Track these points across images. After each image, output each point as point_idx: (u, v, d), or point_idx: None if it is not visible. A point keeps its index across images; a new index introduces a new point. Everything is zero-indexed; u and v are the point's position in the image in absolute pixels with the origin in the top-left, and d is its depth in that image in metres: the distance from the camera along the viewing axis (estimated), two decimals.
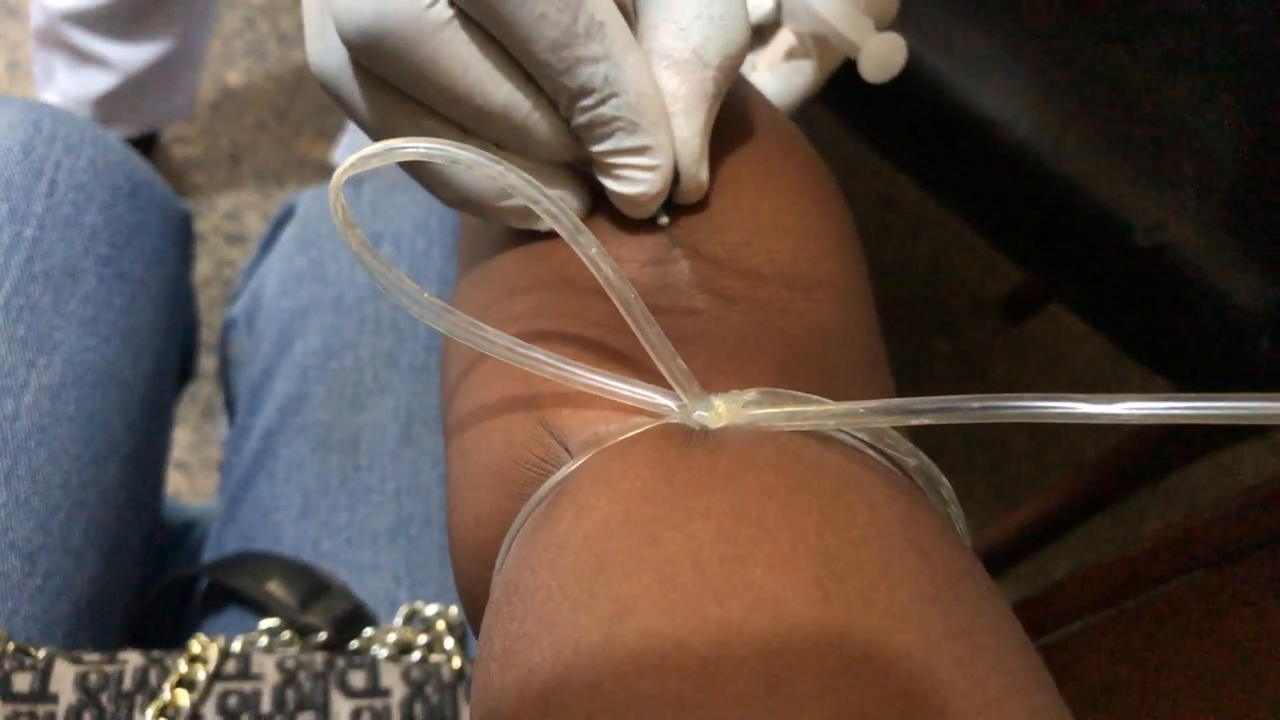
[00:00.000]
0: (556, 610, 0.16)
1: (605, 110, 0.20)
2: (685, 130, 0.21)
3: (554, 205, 0.17)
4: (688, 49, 0.20)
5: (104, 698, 0.31)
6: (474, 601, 0.21)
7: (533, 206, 0.17)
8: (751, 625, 0.14)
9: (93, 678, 0.31)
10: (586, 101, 0.20)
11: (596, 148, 0.21)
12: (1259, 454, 1.05)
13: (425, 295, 0.18)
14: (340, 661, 0.34)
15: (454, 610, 0.37)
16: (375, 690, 0.33)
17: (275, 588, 0.36)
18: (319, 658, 0.34)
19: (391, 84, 0.20)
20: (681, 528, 0.15)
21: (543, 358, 0.18)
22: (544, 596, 0.16)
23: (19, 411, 0.35)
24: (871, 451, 0.18)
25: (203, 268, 0.99)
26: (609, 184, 0.21)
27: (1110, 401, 0.15)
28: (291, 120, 1.10)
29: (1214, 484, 1.04)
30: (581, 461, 0.18)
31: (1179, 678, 0.39)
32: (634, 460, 0.17)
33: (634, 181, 0.21)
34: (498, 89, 0.20)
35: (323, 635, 0.35)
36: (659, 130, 0.20)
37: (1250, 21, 0.59)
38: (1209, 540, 0.40)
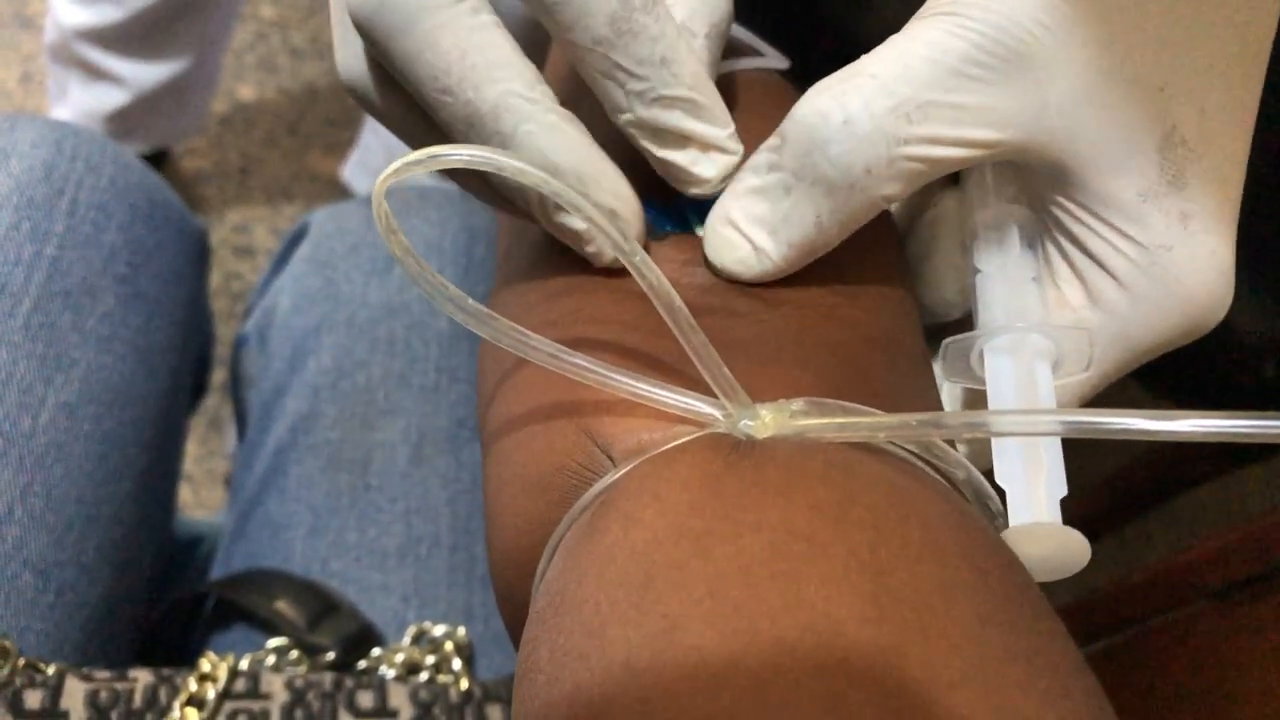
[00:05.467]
0: (605, 624, 0.15)
1: (667, 91, 0.19)
2: None
3: (597, 213, 0.17)
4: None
5: (114, 715, 0.31)
6: (514, 608, 0.21)
7: (575, 215, 0.17)
8: (805, 644, 0.14)
9: (103, 695, 0.31)
10: (641, 86, 0.19)
11: (657, 134, 0.20)
12: (1260, 477, 1.05)
13: (470, 301, 0.18)
14: (348, 681, 0.34)
15: (462, 631, 0.37)
16: (383, 711, 0.33)
17: (284, 606, 0.37)
18: (327, 677, 0.34)
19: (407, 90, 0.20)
20: (731, 541, 0.15)
21: (586, 364, 0.18)
22: (591, 609, 0.16)
23: (36, 428, 0.35)
24: (920, 463, 0.18)
25: (210, 280, 1.00)
26: (675, 165, 0.20)
27: (1171, 418, 0.15)
28: (301, 134, 1.11)
29: (1216, 507, 1.04)
30: (626, 470, 0.18)
31: (1181, 711, 0.39)
32: (680, 471, 0.17)
33: (706, 162, 0.20)
34: (493, 84, 0.19)
35: (331, 655, 0.36)
36: (719, 104, 0.20)
37: None
38: (1211, 572, 0.40)
